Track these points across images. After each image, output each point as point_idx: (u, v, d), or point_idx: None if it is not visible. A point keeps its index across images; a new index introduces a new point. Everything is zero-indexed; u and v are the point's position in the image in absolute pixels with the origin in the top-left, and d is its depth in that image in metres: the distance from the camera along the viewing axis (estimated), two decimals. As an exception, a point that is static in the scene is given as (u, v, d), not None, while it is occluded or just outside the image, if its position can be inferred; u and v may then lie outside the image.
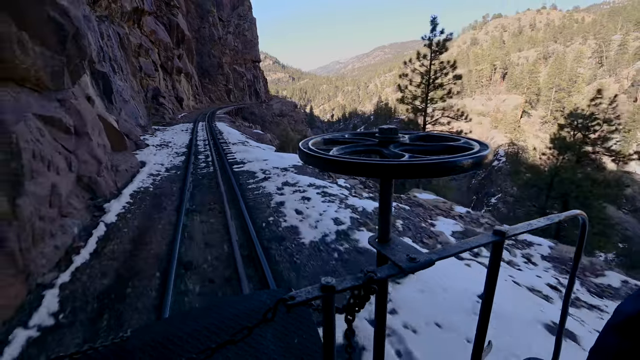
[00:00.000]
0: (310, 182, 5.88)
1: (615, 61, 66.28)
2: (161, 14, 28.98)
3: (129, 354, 0.80)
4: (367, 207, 4.86)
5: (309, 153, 0.61)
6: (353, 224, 4.09)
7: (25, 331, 2.21)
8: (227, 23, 53.14)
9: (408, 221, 4.64)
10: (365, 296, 0.48)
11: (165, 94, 23.11)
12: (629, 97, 59.10)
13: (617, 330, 0.44)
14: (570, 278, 0.79)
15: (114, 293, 2.71)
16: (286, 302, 0.43)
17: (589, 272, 5.12)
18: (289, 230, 3.95)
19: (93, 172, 4.80)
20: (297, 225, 4.07)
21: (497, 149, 51.82)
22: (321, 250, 3.42)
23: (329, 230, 3.89)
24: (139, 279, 2.90)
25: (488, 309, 0.65)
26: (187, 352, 0.82)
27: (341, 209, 4.62)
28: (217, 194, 5.40)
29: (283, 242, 3.63)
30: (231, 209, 4.63)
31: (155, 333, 0.88)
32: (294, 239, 3.70)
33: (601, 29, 74.30)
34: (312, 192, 5.31)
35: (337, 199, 5.09)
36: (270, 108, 48.63)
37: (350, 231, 3.88)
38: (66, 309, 2.50)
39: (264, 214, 4.51)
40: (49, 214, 3.22)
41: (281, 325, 0.95)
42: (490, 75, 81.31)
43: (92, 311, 2.50)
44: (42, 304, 2.50)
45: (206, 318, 0.93)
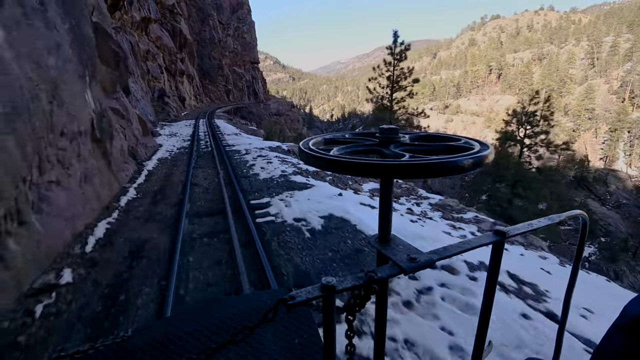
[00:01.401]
0: (276, 155, 8.79)
1: (606, 62, 68.74)
2: (165, 21, 32.10)
3: (130, 353, 0.82)
4: (310, 168, 7.72)
5: (309, 153, 0.62)
6: (293, 172, 6.97)
7: (124, 197, 5.13)
8: (227, 26, 56.36)
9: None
10: (365, 296, 0.49)
11: (169, 94, 26.16)
12: (618, 98, 61.65)
13: (623, 332, 0.44)
14: (571, 278, 0.77)
15: (158, 193, 5.62)
16: (286, 302, 0.44)
17: (455, 212, 7.96)
18: (253, 175, 6.85)
19: (134, 145, 7.72)
20: (259, 172, 6.97)
21: (486, 148, 54.30)
22: (267, 180, 6.33)
23: (277, 174, 6.77)
24: (170, 188, 5.83)
25: (488, 309, 0.65)
26: (187, 352, 0.83)
27: (289, 167, 7.50)
28: (212, 161, 8.32)
29: (248, 178, 6.53)
30: (220, 166, 7.53)
31: (156, 333, 0.90)
32: (255, 178, 6.59)
33: (594, 31, 76.81)
34: (275, 160, 8.21)
35: (290, 163, 7.98)
36: (267, 107, 51.72)
37: (289, 175, 6.75)
38: (138, 195, 5.42)
39: (241, 168, 7.41)
40: (121, 158, 6.14)
41: (282, 325, 0.96)
42: (485, 76, 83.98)
43: (150, 196, 5.40)
44: (126, 193, 5.41)
45: (207, 318, 0.94)
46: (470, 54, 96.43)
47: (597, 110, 60.17)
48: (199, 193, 5.63)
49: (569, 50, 74.44)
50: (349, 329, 0.54)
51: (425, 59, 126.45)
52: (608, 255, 28.74)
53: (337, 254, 3.36)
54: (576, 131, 59.82)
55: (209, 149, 10.26)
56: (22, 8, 3.36)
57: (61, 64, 4.09)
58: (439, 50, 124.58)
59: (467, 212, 8.04)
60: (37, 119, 3.33)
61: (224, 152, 9.37)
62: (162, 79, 26.62)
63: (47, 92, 3.62)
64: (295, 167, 7.53)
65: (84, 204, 4.17)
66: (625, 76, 62.11)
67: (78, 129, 4.37)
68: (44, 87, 3.54)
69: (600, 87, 65.23)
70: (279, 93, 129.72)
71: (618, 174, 54.01)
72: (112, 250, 3.51)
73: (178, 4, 36.85)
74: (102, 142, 5.25)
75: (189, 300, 2.64)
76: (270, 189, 5.78)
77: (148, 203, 5.07)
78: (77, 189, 4.10)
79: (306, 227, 4.01)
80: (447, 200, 8.59)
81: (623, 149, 55.51)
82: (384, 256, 0.60)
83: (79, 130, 4.39)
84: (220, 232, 3.92)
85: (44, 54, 3.69)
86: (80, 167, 4.32)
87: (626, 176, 52.86)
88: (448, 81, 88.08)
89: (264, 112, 48.61)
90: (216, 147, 10.24)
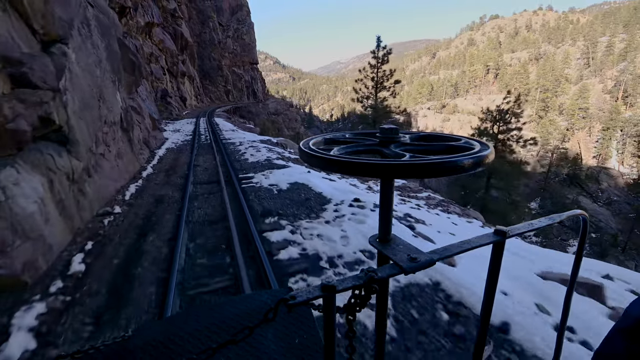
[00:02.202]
0: (265, 146, 10.55)
1: (601, 62, 70.23)
2: (167, 25, 33.94)
3: (130, 353, 0.82)
4: (291, 156, 9.45)
5: (309, 153, 0.63)
6: (276, 158, 8.71)
7: (144, 172, 6.91)
8: (227, 28, 58.26)
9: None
10: (366, 296, 0.49)
11: (171, 95, 27.97)
12: (612, 97, 63.15)
13: (625, 334, 0.44)
14: (572, 279, 0.78)
15: (169, 170, 7.38)
16: (287, 302, 0.44)
17: (412, 192, 9.67)
18: (244, 159, 8.59)
19: (146, 136, 9.47)
20: (248, 157, 8.73)
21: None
22: (254, 162, 8.09)
23: (262, 159, 8.52)
24: (178, 167, 7.60)
25: (489, 309, 0.66)
26: (188, 352, 0.83)
27: (274, 154, 9.24)
28: (210, 150, 10.07)
29: (239, 161, 8.28)
30: (217, 154, 9.28)
31: (157, 332, 0.90)
32: (245, 161, 8.34)
33: (590, 31, 78.30)
34: (263, 149, 9.97)
35: (275, 152, 9.73)
36: (266, 107, 53.56)
37: (272, 160, 8.49)
38: (154, 171, 7.19)
39: (234, 155, 9.16)
40: (139, 145, 7.90)
41: (282, 326, 0.97)
42: (482, 76, 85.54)
43: (164, 172, 7.16)
44: (145, 170, 7.18)
45: (207, 318, 0.95)
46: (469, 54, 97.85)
47: (591, 109, 61.68)
48: (200, 170, 7.39)
49: (565, 50, 75.98)
50: (349, 329, 0.53)
51: (425, 58, 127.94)
52: (598, 251, 30.32)
53: (292, 201, 5.10)
54: (570, 130, 61.33)
55: (208, 141, 12.01)
56: (81, 36, 5.11)
57: (102, 74, 5.85)
58: (438, 50, 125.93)
59: (423, 192, 9.79)
60: (94, 111, 5.09)
61: (221, 143, 11.12)
62: (164, 80, 28.44)
63: (97, 93, 5.37)
64: (278, 154, 9.28)
65: (118, 173, 5.91)
66: (619, 76, 63.59)
67: (113, 120, 6.12)
68: (95, 91, 5.30)
69: (595, 86, 66.72)
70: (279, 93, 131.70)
71: (610, 172, 55.48)
72: (142, 198, 5.28)
73: (179, 6, 38.73)
74: (127, 131, 7.00)
75: (195, 219, 4.38)
76: (256, 168, 7.53)
77: (162, 176, 6.83)
78: (114, 162, 5.85)
79: (276, 188, 5.75)
80: (408, 183, 10.34)
81: (616, 147, 57.00)
82: (384, 256, 0.61)
83: (113, 121, 6.15)
84: (215, 192, 5.67)
85: (93, 67, 5.44)
86: (115, 147, 6.07)
87: (618, 174, 54.31)
88: (445, 81, 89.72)
89: (262, 112, 50.42)
90: (214, 140, 11.99)
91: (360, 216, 4.37)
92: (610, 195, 51.47)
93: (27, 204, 3.05)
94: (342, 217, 4.38)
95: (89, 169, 4.60)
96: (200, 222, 4.34)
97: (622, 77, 62.12)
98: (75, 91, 4.39)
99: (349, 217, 4.33)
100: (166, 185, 6.13)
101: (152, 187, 6.00)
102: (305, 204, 4.92)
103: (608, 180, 53.89)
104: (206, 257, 3.38)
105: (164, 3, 33.68)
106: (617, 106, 56.72)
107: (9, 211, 2.84)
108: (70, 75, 4.29)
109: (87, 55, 5.22)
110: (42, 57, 3.89)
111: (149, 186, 6.04)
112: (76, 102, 4.36)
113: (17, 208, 2.92)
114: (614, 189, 51.92)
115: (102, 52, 6.04)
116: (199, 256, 3.41)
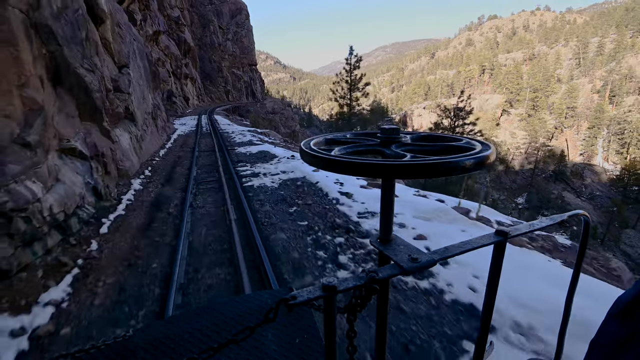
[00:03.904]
0: (250, 133, 14.48)
1: (592, 62, 73.47)
2: (172, 32, 38.08)
3: (132, 352, 0.85)
4: (268, 139, 13.33)
5: (310, 153, 0.64)
6: (256, 140, 12.59)
7: (167, 144, 10.85)
8: (227, 31, 62.53)
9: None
10: (367, 296, 0.50)
11: (176, 95, 32.02)
12: (600, 97, 66.45)
13: (616, 319, 0.47)
14: (573, 278, 0.79)
15: (183, 145, 11.29)
16: (287, 302, 0.45)
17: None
18: (233, 140, 12.51)
19: (163, 125, 13.37)
20: (236, 139, 12.67)
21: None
22: (240, 141, 12.05)
23: (246, 140, 12.43)
24: (188, 144, 11.55)
25: (490, 309, 0.67)
26: (189, 352, 0.86)
27: (255, 138, 13.14)
28: (210, 136, 14.00)
29: (230, 141, 12.23)
30: (214, 137, 13.18)
31: (158, 332, 0.93)
32: (233, 141, 12.28)
33: (582, 32, 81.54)
34: (248, 135, 13.88)
35: (257, 137, 13.63)
36: (264, 106, 57.55)
37: (253, 141, 12.36)
38: (173, 145, 11.14)
39: (226, 138, 13.10)
40: (161, 130, 11.82)
41: (282, 326, 1.00)
42: (477, 75, 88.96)
43: (179, 145, 11.08)
44: (167, 144, 11.12)
45: (208, 318, 0.98)
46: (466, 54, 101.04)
47: (580, 108, 65.00)
48: (202, 145, 11.32)
49: (557, 51, 79.33)
50: (350, 329, 0.55)
51: (424, 58, 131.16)
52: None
53: (256, 157, 9.00)
54: (558, 128, 64.67)
55: (208, 131, 15.95)
56: (133, 61, 9.03)
57: (143, 83, 9.76)
58: (437, 50, 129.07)
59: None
60: (142, 105, 9.00)
61: (218, 132, 15.04)
62: (170, 82, 32.51)
63: (141, 95, 9.28)
64: (259, 138, 13.18)
65: (152, 143, 9.80)
66: (607, 76, 66.83)
67: (148, 111, 10.02)
68: (140, 93, 9.21)
69: (585, 86, 70.06)
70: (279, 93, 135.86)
71: (594, 168, 58.67)
72: (169, 156, 9.23)
73: (182, 12, 42.94)
74: (155, 119, 10.89)
75: (200, 164, 8.25)
76: (240, 145, 11.42)
77: (178, 147, 10.77)
78: (150, 136, 9.74)
79: (249, 153, 9.65)
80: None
81: (602, 145, 60.24)
82: (385, 256, 0.62)
83: (148, 112, 10.04)
84: (212, 155, 9.56)
85: (139, 79, 9.35)
86: (149, 128, 9.95)
87: (602, 170, 57.46)
88: (441, 81, 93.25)
89: (260, 111, 54.44)
90: (213, 130, 15.91)
91: (290, 162, 8.20)
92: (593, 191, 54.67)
93: (125, 145, 6.93)
94: (279, 162, 8.22)
95: (141, 136, 8.48)
96: (203, 165, 8.25)
97: (610, 77, 65.43)
98: (135, 94, 8.29)
99: (283, 162, 8.17)
100: (182, 151, 10.06)
101: (173, 152, 9.94)
102: (263, 159, 8.79)
103: (592, 176, 57.07)
104: (205, 174, 7.27)
105: (168, 12, 37.84)
106: (602, 105, 60.00)
107: (120, 146, 6.70)
108: (132, 85, 8.19)
109: (136, 72, 9.14)
110: (121, 76, 7.78)
111: (171, 152, 9.97)
112: (135, 100, 8.26)
113: (123, 146, 6.80)
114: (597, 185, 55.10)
115: (141, 69, 9.96)
116: (202, 174, 7.29)
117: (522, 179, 58.60)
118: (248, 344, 0.91)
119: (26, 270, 2.91)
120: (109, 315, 2.53)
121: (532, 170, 57.66)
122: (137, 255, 3.46)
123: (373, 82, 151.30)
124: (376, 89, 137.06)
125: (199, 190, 5.94)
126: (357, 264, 3.13)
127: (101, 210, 4.56)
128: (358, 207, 4.69)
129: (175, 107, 28.66)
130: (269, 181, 6.43)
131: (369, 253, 3.34)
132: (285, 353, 0.91)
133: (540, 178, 57.65)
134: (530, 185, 55.67)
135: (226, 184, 6.13)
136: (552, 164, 58.53)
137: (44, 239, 3.29)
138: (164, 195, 5.67)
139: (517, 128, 70.43)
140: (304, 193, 5.61)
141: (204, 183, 6.47)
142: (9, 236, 2.87)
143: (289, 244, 3.61)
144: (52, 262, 3.12)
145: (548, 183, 56.51)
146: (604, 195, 52.96)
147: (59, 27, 4.56)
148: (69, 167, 4.32)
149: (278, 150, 9.96)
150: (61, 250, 3.37)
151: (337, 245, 3.53)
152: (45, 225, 3.33)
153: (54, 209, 3.55)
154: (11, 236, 2.88)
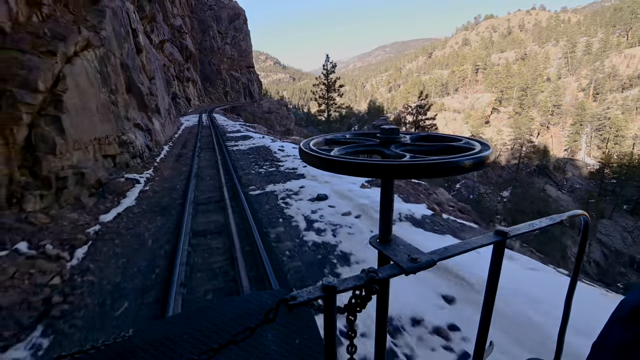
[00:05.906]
0: (241, 125, 19.18)
1: (579, 61, 77.52)
2: (174, 39, 43.01)
3: (131, 353, 0.86)
4: (254, 130, 18.01)
5: (309, 153, 0.65)
6: (244, 131, 17.26)
7: (179, 131, 15.63)
8: (225, 35, 67.56)
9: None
10: (366, 296, 0.51)
11: (179, 96, 36.86)
12: (585, 95, 70.58)
13: (620, 323, 0.46)
14: (573, 277, 0.81)
15: (190, 133, 16.06)
16: (287, 302, 0.46)
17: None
18: (226, 131, 17.25)
19: (174, 119, 18.07)
20: (229, 130, 17.46)
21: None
22: (231, 131, 16.82)
23: (235, 130, 17.09)
24: (194, 132, 16.31)
25: (489, 309, 0.68)
26: (189, 352, 0.87)
27: (243, 128, 17.82)
28: (209, 128, 18.72)
29: (224, 132, 16.95)
30: (213, 129, 17.87)
31: (158, 333, 0.94)
32: (226, 132, 17.02)
33: (572, 31, 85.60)
34: (238, 126, 18.69)
35: (245, 128, 18.31)
36: (260, 106, 62.29)
37: (242, 131, 17.03)
38: (183, 132, 15.90)
39: (221, 130, 17.86)
40: (174, 122, 16.56)
41: (282, 326, 1.01)
42: (470, 75, 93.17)
43: (187, 133, 15.84)
44: (179, 131, 15.85)
45: (208, 318, 1.00)
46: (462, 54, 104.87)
47: (565, 106, 69.11)
48: (203, 133, 16.03)
49: (547, 50, 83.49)
50: (350, 329, 0.56)
51: (421, 58, 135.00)
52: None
53: (239, 138, 13.69)
54: (544, 125, 68.82)
55: (208, 125, 20.70)
56: (157, 74, 13.78)
57: (162, 88, 14.49)
58: (434, 50, 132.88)
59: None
60: (162, 103, 13.71)
61: (216, 125, 19.74)
62: (174, 85, 37.38)
63: (162, 97, 14.00)
64: (247, 130, 17.84)
65: (169, 130, 14.48)
66: (592, 75, 70.91)
67: (166, 108, 14.72)
68: (162, 95, 13.93)
69: (571, 84, 74.20)
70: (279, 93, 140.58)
71: (576, 163, 62.79)
72: (181, 138, 14.07)
73: (183, 19, 47.89)
74: (169, 113, 15.57)
75: (202, 144, 12.92)
76: (231, 132, 16.10)
77: (187, 134, 15.54)
78: (168, 125, 14.41)
79: (236, 137, 14.31)
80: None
81: (585, 140, 64.29)
82: (384, 256, 0.63)
83: (166, 109, 14.74)
84: (210, 136, 14.21)
85: (160, 86, 14.08)
86: (167, 120, 14.62)
87: (583, 164, 61.57)
88: (435, 80, 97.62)
89: (257, 110, 59.22)
90: (212, 124, 20.64)
91: (260, 140, 12.77)
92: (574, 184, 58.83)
93: (157, 127, 11.65)
94: (252, 140, 12.84)
95: (164, 124, 13.14)
96: (204, 143, 12.91)
97: (594, 75, 69.53)
98: (159, 97, 12.99)
99: (255, 140, 12.76)
100: (189, 135, 14.87)
101: (183, 136, 14.69)
102: (243, 139, 13.48)
103: (573, 170, 61.17)
104: (205, 146, 11.95)
105: (171, 21, 42.78)
106: (584, 102, 64.12)
107: (153, 127, 11.35)
108: (157, 90, 12.87)
109: (159, 81, 13.86)
110: (152, 85, 12.49)
111: (182, 136, 14.71)
112: (159, 100, 12.95)
113: (156, 128, 11.47)
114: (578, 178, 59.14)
115: (161, 79, 14.69)
116: (203, 145, 11.95)
117: (507, 173, 62.64)
118: (248, 345, 0.92)
119: (130, 168, 7.61)
120: (172, 174, 7.23)
121: (517, 165, 61.72)
122: (174, 167, 8.17)
123: (371, 82, 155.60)
124: (374, 89, 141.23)
125: (202, 152, 10.61)
126: (267, 169, 7.76)
127: (152, 156, 9.22)
128: (284, 154, 9.32)
129: (179, 107, 33.49)
130: (243, 148, 11.14)
131: (277, 167, 7.93)
132: (285, 353, 0.93)
133: (524, 173, 61.72)
134: (514, 180, 59.70)
135: (217, 149, 10.80)
136: (536, 159, 62.63)
137: (136, 159, 7.96)
138: (182, 153, 10.37)
139: (505, 125, 74.50)
140: (259, 151, 10.29)
141: (205, 149, 11.13)
142: (128, 153, 7.55)
143: (244, 164, 8.34)
144: (142, 165, 7.81)
145: (531, 177, 60.63)
146: (583, 188, 56.95)
147: (129, 61, 9.25)
148: (138, 133, 8.98)
149: (256, 135, 14.60)
150: (143, 164, 8.06)
151: (264, 164, 8.17)
152: (137, 153, 8.01)
153: (137, 148, 8.21)
154: (126, 153, 7.56)
